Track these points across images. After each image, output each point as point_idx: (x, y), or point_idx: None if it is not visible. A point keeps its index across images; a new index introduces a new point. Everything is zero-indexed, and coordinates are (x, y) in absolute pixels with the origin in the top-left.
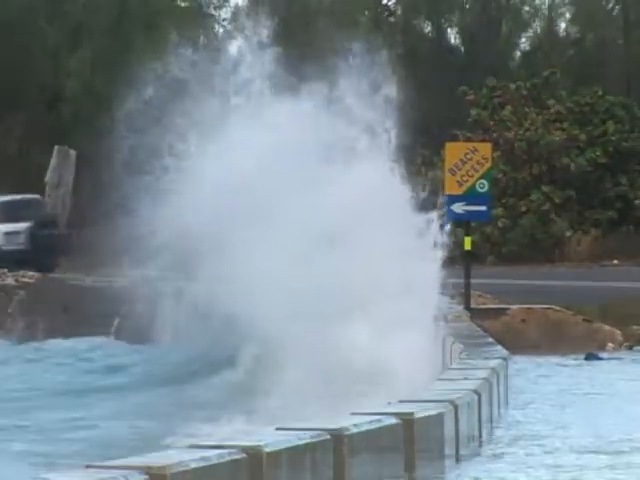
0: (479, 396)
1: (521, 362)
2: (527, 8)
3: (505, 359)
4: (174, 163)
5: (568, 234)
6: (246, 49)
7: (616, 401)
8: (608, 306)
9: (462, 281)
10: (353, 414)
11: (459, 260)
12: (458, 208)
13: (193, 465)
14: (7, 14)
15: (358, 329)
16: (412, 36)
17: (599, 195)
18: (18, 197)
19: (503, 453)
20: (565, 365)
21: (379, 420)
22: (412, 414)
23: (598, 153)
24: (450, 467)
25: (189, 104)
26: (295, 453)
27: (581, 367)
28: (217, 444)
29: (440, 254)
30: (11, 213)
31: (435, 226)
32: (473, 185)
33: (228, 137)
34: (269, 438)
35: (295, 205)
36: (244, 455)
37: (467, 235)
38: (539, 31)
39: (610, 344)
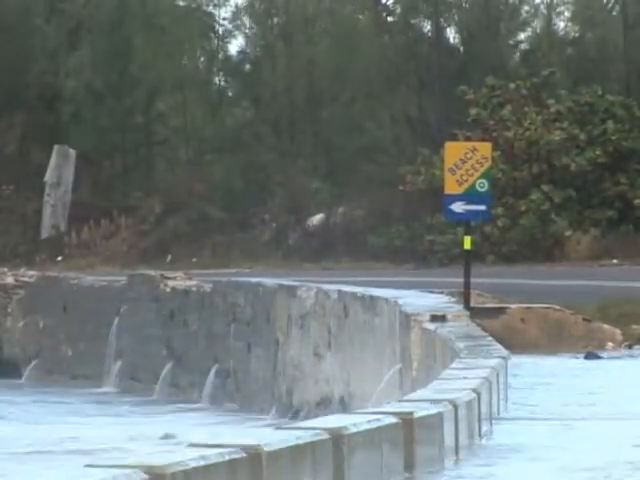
0: (479, 395)
1: (521, 361)
2: (526, 7)
3: (505, 358)
4: None
5: (568, 233)
6: None
7: (621, 400)
8: (608, 305)
9: (462, 280)
10: (352, 414)
11: (459, 259)
12: (458, 207)
13: (192, 464)
14: (6, 14)
15: None
16: (411, 36)
17: (599, 195)
18: None
19: (503, 453)
20: (565, 364)
21: (378, 420)
22: (411, 413)
23: (598, 153)
24: (450, 467)
25: None
26: (295, 452)
27: (581, 366)
28: (217, 443)
29: None
30: None
31: None
32: (473, 184)
33: None
34: (269, 437)
35: None
36: (244, 454)
37: (467, 234)
38: (538, 30)
39: (610, 343)
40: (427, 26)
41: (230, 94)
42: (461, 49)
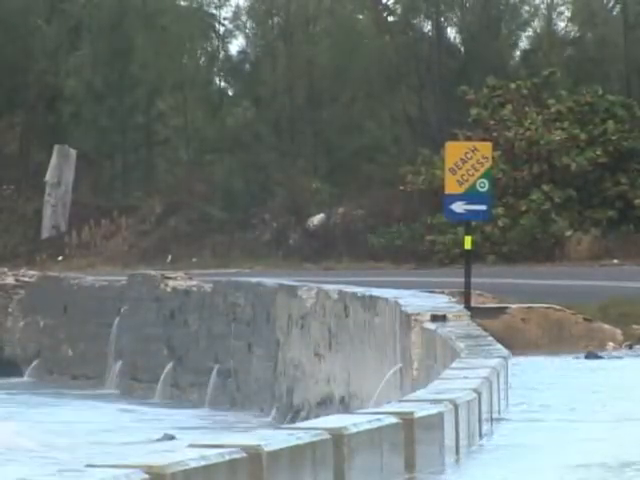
0: (479, 395)
1: (521, 361)
2: (527, 7)
3: (505, 358)
4: None
5: (568, 233)
6: None
7: (622, 400)
8: (608, 305)
9: (462, 280)
10: (353, 414)
11: (459, 259)
12: (458, 207)
13: (193, 464)
14: (6, 14)
15: None
16: (411, 35)
17: (599, 194)
18: None
19: (503, 453)
20: (566, 364)
21: (379, 420)
22: (412, 413)
23: (598, 152)
24: (450, 467)
25: None
26: (295, 453)
27: (582, 366)
28: (217, 443)
29: None
30: None
31: None
32: (473, 184)
33: None
34: (269, 437)
35: None
36: (244, 454)
37: (467, 234)
38: (539, 30)
39: (610, 343)
40: (427, 26)
41: (230, 94)
42: (462, 49)
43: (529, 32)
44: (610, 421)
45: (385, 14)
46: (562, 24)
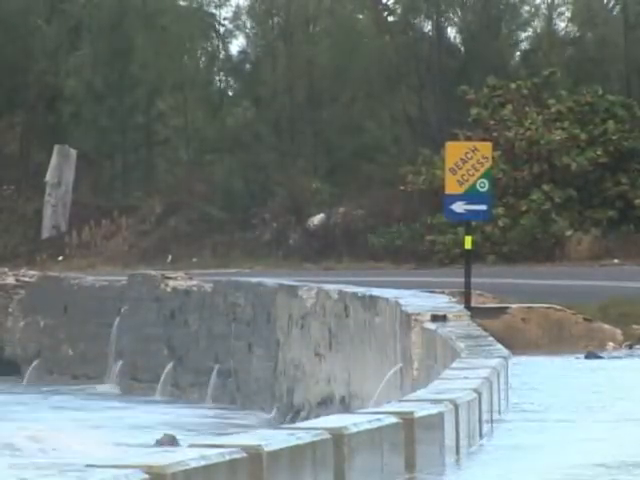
0: (480, 395)
1: (521, 361)
2: (527, 7)
3: (505, 358)
4: None
5: (568, 233)
6: None
7: (622, 400)
8: (608, 305)
9: (462, 280)
10: (353, 413)
11: (460, 259)
12: (458, 207)
13: (193, 464)
14: (6, 14)
15: None
16: (411, 35)
17: (600, 194)
18: None
19: (503, 453)
20: (566, 364)
21: (379, 419)
22: (412, 413)
23: (599, 152)
24: (450, 467)
25: None
26: (295, 452)
27: (582, 366)
28: (217, 443)
29: None
30: None
31: None
32: (473, 184)
33: None
34: (269, 437)
35: None
36: (244, 454)
37: (468, 234)
38: (539, 30)
39: (610, 343)
40: (428, 26)
41: (230, 94)
42: (462, 49)
43: (529, 32)
44: (610, 421)
45: (385, 14)
46: (562, 24)
